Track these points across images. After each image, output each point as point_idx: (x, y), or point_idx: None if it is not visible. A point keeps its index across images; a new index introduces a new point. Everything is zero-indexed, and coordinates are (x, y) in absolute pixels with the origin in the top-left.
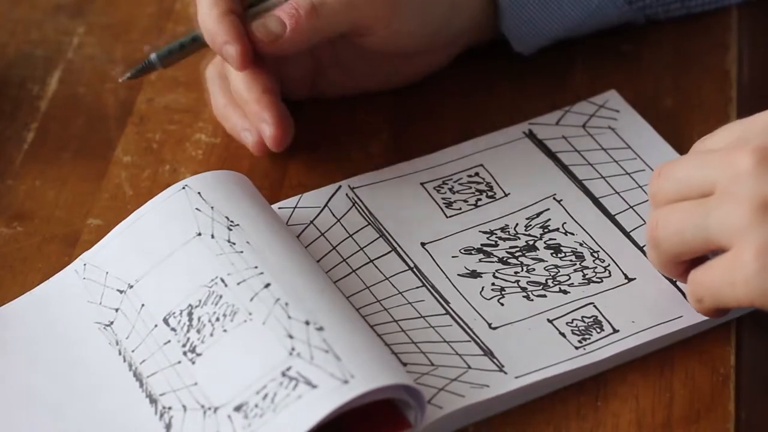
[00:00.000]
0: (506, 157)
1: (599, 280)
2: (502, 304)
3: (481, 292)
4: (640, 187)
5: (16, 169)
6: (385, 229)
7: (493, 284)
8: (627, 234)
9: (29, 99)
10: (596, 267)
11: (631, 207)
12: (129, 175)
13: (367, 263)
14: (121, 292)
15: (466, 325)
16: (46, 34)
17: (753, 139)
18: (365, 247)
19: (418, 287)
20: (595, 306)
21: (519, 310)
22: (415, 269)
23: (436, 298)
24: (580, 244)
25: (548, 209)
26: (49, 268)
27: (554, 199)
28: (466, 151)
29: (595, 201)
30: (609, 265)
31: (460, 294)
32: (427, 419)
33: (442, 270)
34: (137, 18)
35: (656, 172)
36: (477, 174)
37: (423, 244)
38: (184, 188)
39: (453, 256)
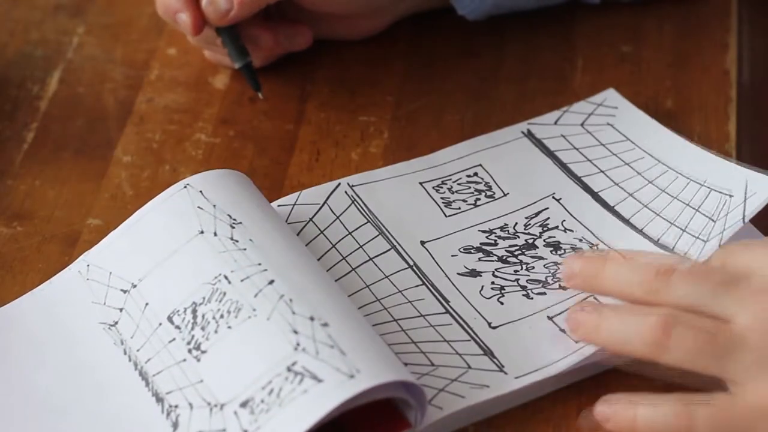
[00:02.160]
0: (505, 156)
1: None
2: (502, 303)
3: (480, 291)
4: (640, 174)
5: (16, 169)
6: (384, 226)
7: (492, 283)
8: (627, 221)
9: (29, 99)
10: None
11: (631, 195)
12: (129, 175)
13: (367, 261)
14: (124, 291)
15: (466, 324)
16: (46, 34)
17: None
18: (365, 244)
19: (417, 286)
20: (596, 299)
21: (519, 309)
22: (414, 267)
23: (435, 296)
24: (579, 240)
25: (547, 208)
26: (49, 268)
27: (554, 198)
28: (465, 151)
29: (595, 195)
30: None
31: (460, 293)
32: (428, 420)
33: (441, 269)
34: (137, 18)
35: (663, 270)
36: (476, 174)
37: (422, 243)
38: (185, 187)
39: (452, 255)
